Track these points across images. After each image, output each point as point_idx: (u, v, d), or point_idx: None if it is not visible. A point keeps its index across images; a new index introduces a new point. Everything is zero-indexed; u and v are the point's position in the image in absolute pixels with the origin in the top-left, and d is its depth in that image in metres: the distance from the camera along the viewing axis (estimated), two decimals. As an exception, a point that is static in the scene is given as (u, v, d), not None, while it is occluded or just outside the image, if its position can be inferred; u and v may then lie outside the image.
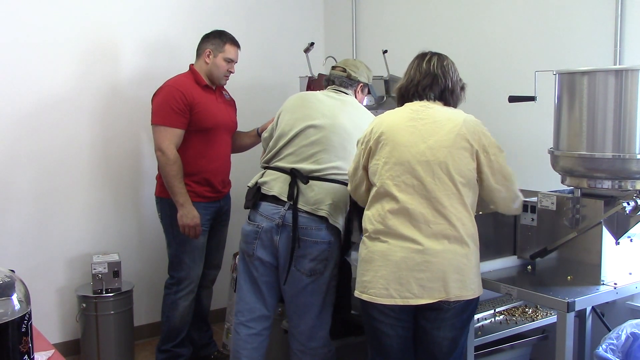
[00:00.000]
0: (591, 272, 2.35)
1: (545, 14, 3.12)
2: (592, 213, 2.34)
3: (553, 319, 2.66)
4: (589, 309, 2.70)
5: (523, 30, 3.23)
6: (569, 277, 2.40)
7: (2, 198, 3.48)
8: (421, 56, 2.32)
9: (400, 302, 2.12)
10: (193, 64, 3.34)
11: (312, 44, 3.58)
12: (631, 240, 2.41)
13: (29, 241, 3.57)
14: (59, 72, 3.58)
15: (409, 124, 2.19)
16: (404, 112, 2.24)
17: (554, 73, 2.44)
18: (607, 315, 2.75)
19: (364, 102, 3.48)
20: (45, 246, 3.62)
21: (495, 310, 2.75)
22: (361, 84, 2.87)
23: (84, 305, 3.46)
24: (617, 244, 2.36)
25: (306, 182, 2.58)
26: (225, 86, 3.43)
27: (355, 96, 2.86)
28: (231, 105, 3.47)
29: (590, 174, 2.33)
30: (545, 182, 2.76)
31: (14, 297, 1.30)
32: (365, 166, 2.28)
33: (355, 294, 2.23)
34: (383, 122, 2.24)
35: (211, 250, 3.43)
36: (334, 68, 2.90)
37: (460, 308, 2.16)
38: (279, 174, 2.65)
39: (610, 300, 2.49)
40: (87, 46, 3.64)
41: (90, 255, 3.63)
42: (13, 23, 3.42)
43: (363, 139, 2.30)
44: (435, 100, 2.26)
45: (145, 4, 3.81)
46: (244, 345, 2.76)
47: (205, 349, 3.59)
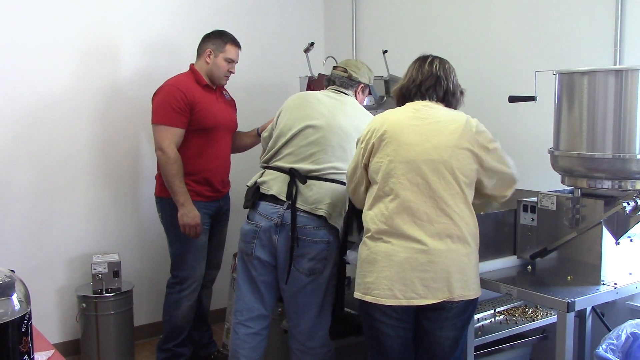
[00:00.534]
0: (591, 272, 2.35)
1: (545, 14, 3.12)
2: (592, 213, 2.34)
3: (553, 319, 2.66)
4: (589, 309, 2.70)
5: (523, 30, 3.23)
6: (569, 277, 2.40)
7: (2, 198, 3.48)
8: (423, 58, 2.33)
9: (405, 303, 2.12)
10: (193, 64, 3.34)
11: (312, 44, 3.58)
12: (631, 240, 2.41)
13: (29, 241, 3.57)
14: (58, 72, 3.57)
15: (412, 122, 2.19)
16: (406, 111, 2.24)
17: (554, 73, 2.44)
18: (607, 315, 2.75)
19: (365, 102, 3.49)
20: (45, 246, 3.62)
21: (495, 310, 2.75)
22: (362, 85, 2.87)
23: (84, 305, 3.46)
24: (617, 244, 2.36)
25: (304, 182, 2.59)
26: (225, 86, 3.44)
27: (356, 97, 2.86)
28: (231, 105, 3.48)
29: (590, 174, 2.33)
30: (545, 182, 2.76)
31: (14, 297, 1.29)
32: (365, 164, 2.28)
33: (357, 295, 2.22)
34: (386, 121, 2.24)
35: (211, 250, 3.44)
36: (335, 68, 2.90)
37: (462, 308, 2.16)
38: (278, 174, 2.65)
39: (610, 300, 2.49)
40: (87, 46, 3.64)
41: (90, 255, 3.63)
42: (12, 23, 3.42)
43: (363, 137, 2.30)
44: (437, 102, 2.27)
45: (145, 4, 3.81)
46: (242, 344, 2.77)
47: (205, 349, 3.59)
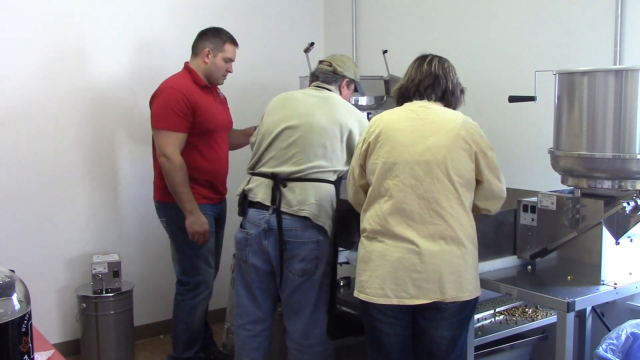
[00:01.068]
0: (591, 272, 2.35)
1: (545, 14, 3.12)
2: (592, 213, 2.34)
3: (553, 319, 2.66)
4: (589, 309, 2.70)
5: (523, 30, 3.22)
6: (569, 277, 2.40)
7: (2, 198, 3.48)
8: (422, 58, 2.33)
9: (396, 302, 2.13)
10: (189, 62, 3.26)
11: (312, 44, 3.58)
12: (631, 240, 2.41)
13: (29, 241, 3.57)
14: (58, 72, 3.57)
15: (407, 123, 2.19)
16: (402, 112, 2.25)
17: (554, 73, 2.44)
18: (607, 315, 2.75)
19: (365, 102, 3.49)
20: (45, 246, 3.62)
21: (495, 310, 2.75)
22: (346, 79, 2.84)
23: (84, 305, 3.46)
24: (617, 244, 2.36)
25: (285, 186, 2.59)
26: (222, 85, 3.41)
27: (340, 92, 2.83)
28: (225, 103, 3.43)
29: (590, 174, 2.33)
30: (545, 182, 2.76)
31: (14, 297, 1.29)
32: (361, 165, 2.28)
33: (354, 293, 2.24)
34: (381, 122, 2.24)
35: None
36: (320, 62, 2.89)
37: (458, 308, 2.16)
38: (262, 179, 2.66)
39: (610, 300, 2.49)
40: (88, 44, 3.65)
41: (90, 255, 3.63)
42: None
43: (361, 138, 2.31)
44: (435, 101, 2.27)
45: (144, 4, 3.81)
46: (244, 346, 2.82)
47: (206, 349, 3.58)
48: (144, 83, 3.61)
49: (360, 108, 3.56)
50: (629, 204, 2.20)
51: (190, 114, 3.09)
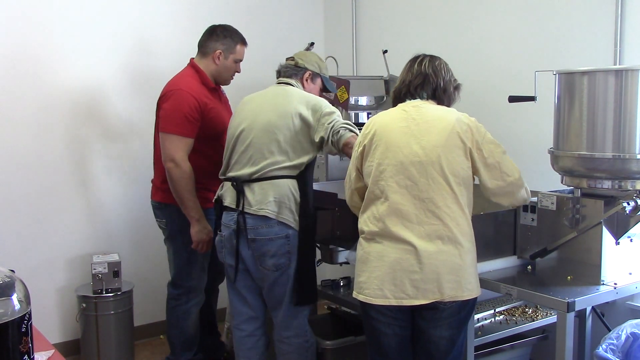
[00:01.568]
0: (591, 272, 2.35)
1: (545, 14, 3.12)
2: (592, 213, 2.34)
3: (553, 319, 2.66)
4: (589, 309, 2.70)
5: (523, 30, 3.23)
6: (569, 277, 2.40)
7: (2, 198, 3.48)
8: (414, 59, 2.33)
9: (394, 303, 2.13)
10: (195, 60, 3.16)
11: (312, 44, 3.58)
12: (631, 240, 2.41)
13: (29, 241, 3.57)
14: (59, 71, 3.58)
15: (401, 124, 2.19)
16: (396, 113, 2.25)
17: (554, 73, 2.44)
18: (607, 315, 2.75)
19: (365, 102, 3.49)
20: (45, 246, 3.62)
21: (495, 310, 2.75)
22: (309, 72, 2.82)
23: (84, 305, 3.46)
24: (617, 244, 2.36)
25: (241, 188, 2.63)
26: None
27: (303, 86, 2.81)
28: (227, 103, 3.36)
29: (590, 174, 2.33)
30: (545, 182, 2.76)
31: (14, 297, 1.30)
32: (359, 168, 2.29)
33: (353, 294, 2.25)
34: (376, 123, 2.25)
35: (215, 254, 3.39)
36: (286, 60, 2.89)
37: (457, 308, 2.15)
38: (229, 184, 2.71)
39: (610, 300, 2.49)
40: (90, 42, 3.65)
41: (90, 255, 3.63)
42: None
43: (357, 141, 2.32)
44: (428, 99, 2.26)
45: (145, 4, 3.82)
46: (239, 346, 2.86)
47: (213, 351, 3.54)
48: (148, 84, 3.61)
49: (360, 108, 3.57)
50: (629, 204, 2.20)
51: (200, 119, 3.01)
